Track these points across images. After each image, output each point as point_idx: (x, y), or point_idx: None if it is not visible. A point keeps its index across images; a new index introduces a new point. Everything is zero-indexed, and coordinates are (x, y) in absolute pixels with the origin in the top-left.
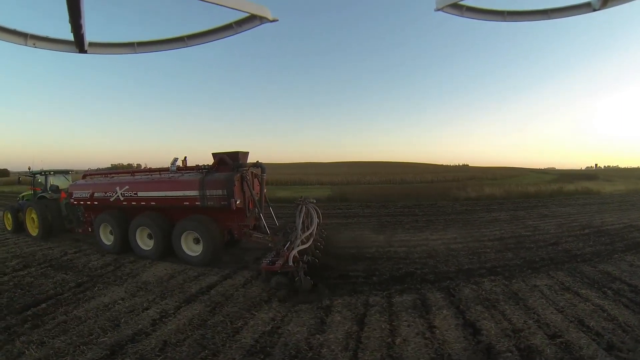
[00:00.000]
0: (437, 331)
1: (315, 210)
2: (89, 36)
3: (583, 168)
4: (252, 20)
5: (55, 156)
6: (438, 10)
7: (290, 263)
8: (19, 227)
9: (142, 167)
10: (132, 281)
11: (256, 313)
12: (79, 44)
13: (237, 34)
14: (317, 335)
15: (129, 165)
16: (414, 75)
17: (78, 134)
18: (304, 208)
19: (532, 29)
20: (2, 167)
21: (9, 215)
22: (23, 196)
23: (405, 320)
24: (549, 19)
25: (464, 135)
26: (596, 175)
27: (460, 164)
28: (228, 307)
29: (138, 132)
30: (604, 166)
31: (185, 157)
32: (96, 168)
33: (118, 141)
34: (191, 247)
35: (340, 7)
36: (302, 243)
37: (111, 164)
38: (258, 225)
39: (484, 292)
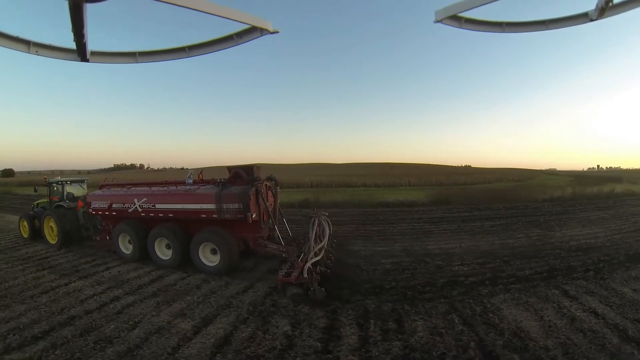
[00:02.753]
0: None
1: (327, 222)
2: (92, 45)
3: (585, 169)
4: (252, 31)
5: (57, 156)
6: (437, 22)
7: (305, 275)
8: (35, 234)
9: (146, 168)
10: None
11: None
12: (81, 53)
13: (238, 45)
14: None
15: (132, 166)
16: (412, 76)
17: (80, 133)
18: (317, 220)
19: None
20: (7, 167)
21: (25, 223)
22: (38, 203)
23: None
24: (547, 29)
25: (463, 136)
26: (620, 177)
27: (463, 165)
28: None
29: (139, 132)
30: (606, 167)
31: (202, 171)
32: (98, 169)
33: (119, 141)
34: (209, 258)
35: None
36: (315, 255)
37: (114, 164)
38: (272, 235)
39: None
